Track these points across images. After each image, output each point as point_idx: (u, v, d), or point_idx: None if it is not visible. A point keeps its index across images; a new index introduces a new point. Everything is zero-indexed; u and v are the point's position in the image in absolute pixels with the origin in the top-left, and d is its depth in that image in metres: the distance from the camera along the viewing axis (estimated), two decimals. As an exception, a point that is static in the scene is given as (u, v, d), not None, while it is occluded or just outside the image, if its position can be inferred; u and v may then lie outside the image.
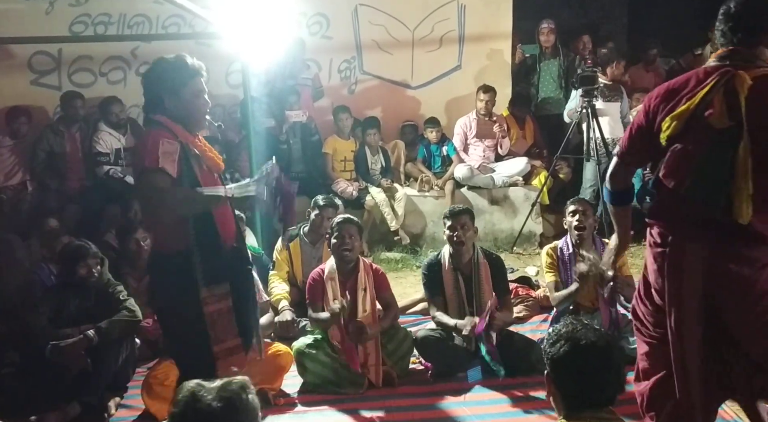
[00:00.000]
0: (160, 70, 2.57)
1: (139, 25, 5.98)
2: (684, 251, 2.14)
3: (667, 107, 2.14)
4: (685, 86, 2.15)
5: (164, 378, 3.27)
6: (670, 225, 2.20)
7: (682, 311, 2.15)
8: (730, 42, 2.16)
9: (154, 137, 2.47)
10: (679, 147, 2.12)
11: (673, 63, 7.48)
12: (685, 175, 2.10)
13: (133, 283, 4.16)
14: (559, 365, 1.67)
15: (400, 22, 6.53)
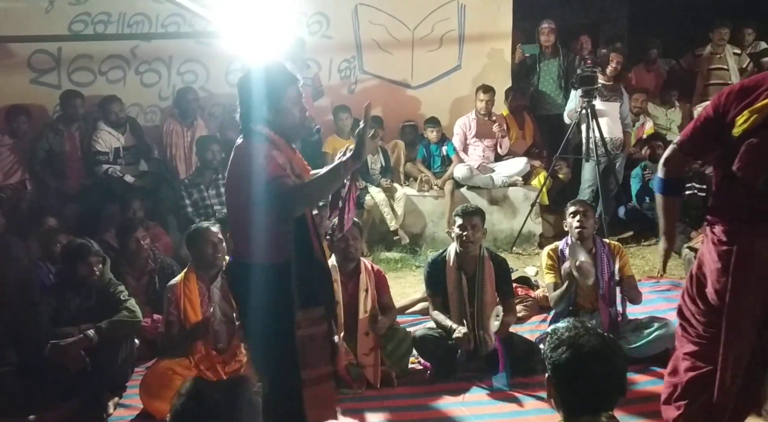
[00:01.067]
0: (259, 79, 2.45)
1: (139, 23, 5.97)
2: (753, 248, 2.12)
3: (742, 103, 2.14)
4: (762, 84, 2.15)
5: (163, 377, 3.27)
6: (738, 222, 2.18)
7: (744, 310, 2.14)
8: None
9: (267, 150, 2.38)
10: (755, 141, 2.10)
11: (673, 63, 7.49)
12: (763, 168, 2.09)
13: (132, 282, 4.16)
14: (560, 370, 1.66)
15: (400, 22, 6.53)
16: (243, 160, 2.43)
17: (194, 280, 3.46)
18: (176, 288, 3.45)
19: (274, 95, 2.43)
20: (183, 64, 6.13)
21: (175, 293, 3.43)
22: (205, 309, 3.41)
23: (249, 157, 2.40)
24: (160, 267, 4.29)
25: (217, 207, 5.03)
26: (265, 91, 2.43)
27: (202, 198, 5.12)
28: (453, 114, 6.53)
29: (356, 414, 3.28)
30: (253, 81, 2.46)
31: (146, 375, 3.37)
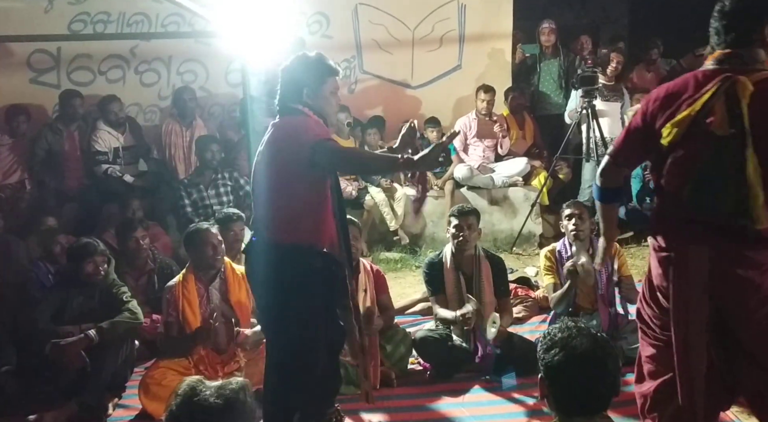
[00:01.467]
0: (302, 64, 2.60)
1: (139, 23, 5.97)
2: (688, 255, 2.12)
3: (666, 112, 2.13)
4: (684, 91, 2.12)
5: (161, 378, 3.26)
6: (674, 230, 2.19)
7: (688, 315, 2.13)
8: (723, 41, 2.13)
9: (308, 119, 2.51)
10: (680, 153, 2.10)
11: (674, 63, 7.47)
12: (686, 181, 2.09)
13: (131, 282, 4.15)
14: (553, 372, 1.66)
15: (400, 22, 6.52)
16: (286, 132, 2.50)
17: (193, 281, 3.45)
18: (175, 289, 3.44)
19: (316, 81, 2.56)
20: (182, 64, 6.12)
21: (174, 294, 3.42)
22: (204, 310, 3.40)
23: (295, 126, 2.49)
24: (160, 267, 4.28)
25: (217, 207, 5.02)
26: (307, 76, 2.56)
27: (202, 198, 5.11)
28: (453, 114, 6.53)
29: (355, 414, 3.27)
30: (297, 65, 2.59)
31: (145, 376, 3.37)
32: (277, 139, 2.51)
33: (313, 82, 2.56)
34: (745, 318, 2.11)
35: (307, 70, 2.58)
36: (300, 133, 2.46)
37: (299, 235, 2.47)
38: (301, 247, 2.47)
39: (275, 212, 2.53)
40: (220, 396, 1.56)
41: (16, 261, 4.43)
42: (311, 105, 2.56)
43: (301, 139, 2.44)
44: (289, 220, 2.48)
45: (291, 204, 2.47)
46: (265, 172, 2.54)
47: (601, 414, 1.66)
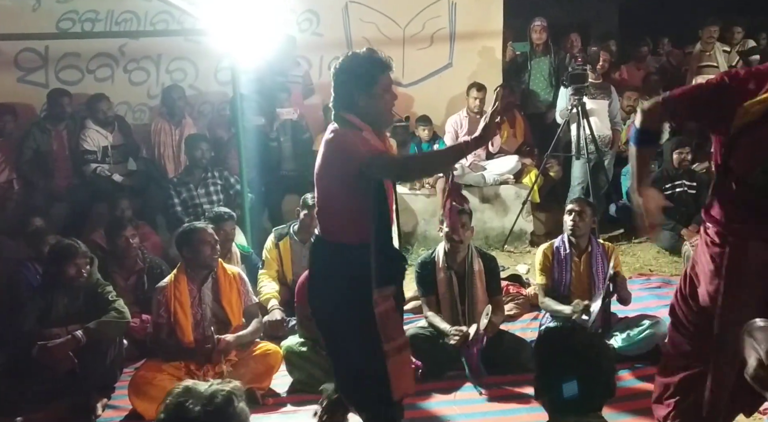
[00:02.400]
0: (351, 67, 2.49)
1: (127, 21, 5.93)
2: (746, 250, 2.09)
3: (751, 90, 2.07)
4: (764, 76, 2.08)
5: (151, 377, 3.24)
6: (731, 223, 2.15)
7: (735, 313, 2.09)
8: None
9: (355, 135, 2.45)
10: (755, 135, 2.05)
11: (663, 61, 7.52)
12: (758, 162, 2.05)
13: (121, 282, 4.13)
14: (548, 372, 1.66)
15: (390, 20, 6.50)
16: (338, 144, 2.48)
17: (185, 282, 3.42)
18: (166, 290, 3.41)
19: (366, 83, 2.46)
20: (172, 62, 6.08)
21: (165, 295, 3.39)
22: (196, 312, 3.38)
23: (344, 142, 2.45)
24: (149, 266, 4.25)
25: (207, 206, 4.99)
26: (357, 80, 2.47)
27: (191, 197, 5.08)
28: (445, 112, 6.52)
29: (347, 413, 3.26)
30: (346, 68, 2.49)
31: (135, 376, 3.34)
32: (327, 151, 2.52)
33: (363, 85, 2.46)
34: None
35: (357, 72, 2.47)
36: (346, 151, 2.44)
37: (347, 235, 2.54)
38: (349, 245, 2.53)
39: (326, 213, 2.61)
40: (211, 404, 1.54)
41: (5, 261, 4.39)
42: (363, 108, 2.48)
43: (348, 156, 2.43)
44: (338, 222, 2.56)
45: (338, 208, 2.55)
46: (318, 176, 2.59)
47: (594, 413, 1.66)
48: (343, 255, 2.52)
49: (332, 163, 2.50)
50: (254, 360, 3.42)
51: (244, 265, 4.34)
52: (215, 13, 4.37)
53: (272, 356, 3.47)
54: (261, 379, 3.42)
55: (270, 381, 3.49)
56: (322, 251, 2.62)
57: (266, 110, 5.76)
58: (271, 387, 3.50)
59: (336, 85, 2.51)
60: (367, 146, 2.42)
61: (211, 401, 1.55)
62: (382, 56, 2.51)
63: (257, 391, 3.37)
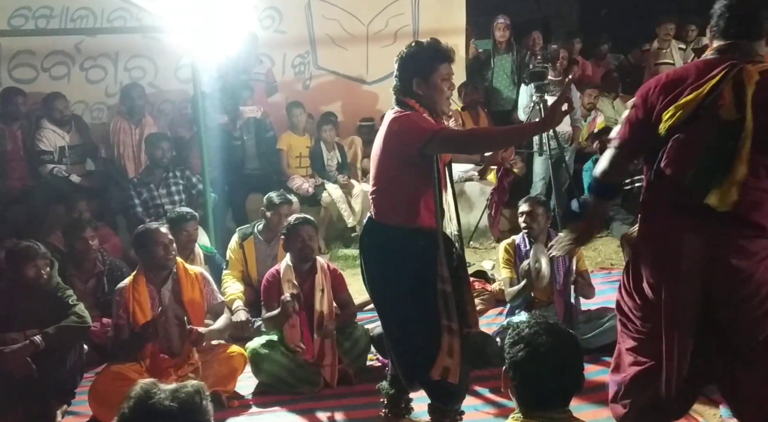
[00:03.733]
0: (412, 54, 2.62)
1: (83, 18, 5.79)
2: (682, 244, 2.11)
3: (668, 98, 2.12)
4: (686, 77, 2.13)
5: (112, 383, 3.16)
6: (667, 218, 2.18)
7: (678, 304, 2.13)
8: (727, 32, 2.15)
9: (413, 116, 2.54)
10: (682, 137, 2.09)
11: (622, 58, 7.68)
12: (690, 164, 2.08)
13: (80, 285, 4.04)
14: (517, 368, 1.67)
15: (354, 17, 6.49)
16: (400, 123, 2.55)
17: (144, 283, 3.36)
18: (125, 291, 3.34)
19: (426, 70, 2.58)
20: (130, 60, 5.96)
21: (124, 296, 3.33)
22: (156, 313, 3.32)
23: (406, 121, 2.53)
24: (109, 269, 4.17)
25: (168, 206, 4.91)
26: (417, 66, 2.59)
27: (152, 197, 4.99)
28: (409, 109, 6.52)
29: (313, 413, 3.25)
30: (408, 55, 2.62)
31: (96, 382, 3.27)
32: (388, 133, 2.60)
33: (422, 72, 2.59)
34: (736, 308, 2.11)
35: (417, 59, 2.61)
36: (406, 131, 2.52)
37: (400, 218, 2.62)
38: (402, 229, 2.60)
39: (382, 196, 2.67)
40: (175, 399, 1.51)
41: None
42: (421, 95, 2.61)
43: (409, 136, 2.51)
44: (392, 204, 2.64)
45: (394, 190, 2.62)
46: (377, 158, 2.67)
47: (562, 409, 1.68)
48: (401, 237, 2.59)
49: (393, 143, 2.57)
50: (218, 363, 3.38)
51: (208, 266, 4.28)
52: (174, 9, 4.29)
53: (236, 358, 3.44)
54: (225, 382, 3.38)
55: (235, 384, 3.46)
56: (379, 234, 2.68)
57: (229, 108, 5.69)
58: (235, 390, 3.47)
59: (398, 72, 2.64)
60: (429, 124, 2.53)
61: (176, 394, 1.53)
62: (444, 46, 2.65)
63: (222, 394, 3.34)
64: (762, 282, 2.06)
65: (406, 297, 2.63)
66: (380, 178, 2.67)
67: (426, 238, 2.58)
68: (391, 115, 2.62)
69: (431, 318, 2.58)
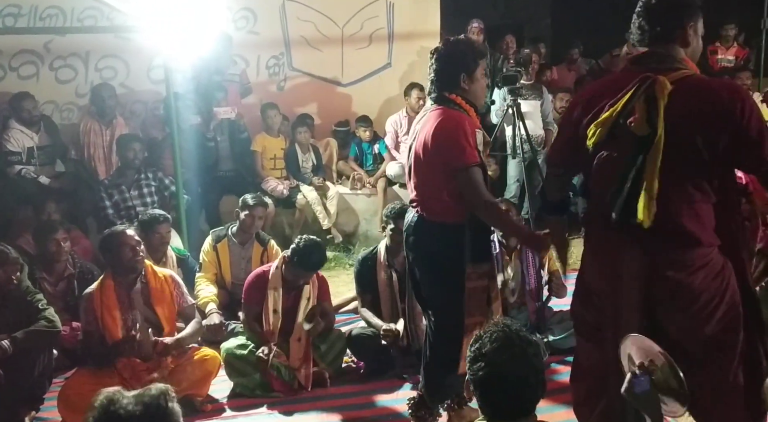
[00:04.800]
0: (457, 50, 2.71)
1: (53, 17, 5.66)
2: (621, 257, 2.14)
3: (590, 114, 2.14)
4: (606, 92, 2.14)
5: (82, 388, 3.10)
6: (605, 231, 2.19)
7: (620, 315, 2.16)
8: (646, 37, 2.15)
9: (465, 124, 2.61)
10: (605, 154, 2.13)
11: (593, 63, 7.80)
12: (611, 181, 2.11)
13: (49, 288, 3.97)
14: (478, 385, 1.67)
15: (328, 19, 6.48)
16: (444, 128, 2.62)
17: (112, 287, 3.30)
18: (93, 296, 3.28)
19: (471, 65, 2.69)
20: (101, 60, 5.85)
21: (92, 302, 3.27)
22: (126, 317, 3.27)
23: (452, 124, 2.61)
24: (80, 272, 4.10)
25: (140, 208, 4.84)
26: (464, 61, 2.69)
27: (124, 199, 4.92)
28: (384, 112, 6.54)
29: (287, 417, 3.24)
30: (452, 51, 2.70)
31: (65, 387, 3.22)
32: (435, 133, 2.63)
33: (469, 67, 2.69)
34: (675, 317, 2.14)
35: (464, 55, 2.69)
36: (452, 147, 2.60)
37: (455, 216, 2.67)
38: (456, 225, 2.67)
39: (432, 196, 2.71)
40: (139, 403, 1.50)
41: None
42: (466, 90, 2.69)
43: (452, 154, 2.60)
44: (444, 204, 2.68)
45: (445, 191, 2.66)
46: (421, 158, 2.71)
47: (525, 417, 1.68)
48: (447, 234, 2.67)
49: (441, 147, 2.62)
50: (192, 366, 3.34)
51: (181, 269, 4.24)
52: (147, 9, 4.24)
53: (210, 361, 3.40)
54: (199, 386, 3.35)
55: (208, 388, 3.43)
56: (427, 231, 2.73)
57: (202, 109, 5.64)
58: (209, 394, 3.44)
59: (439, 69, 2.70)
60: (472, 150, 2.60)
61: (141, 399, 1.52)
62: (479, 44, 2.83)
63: (195, 398, 3.31)
64: (701, 290, 2.09)
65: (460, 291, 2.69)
66: (427, 181, 2.72)
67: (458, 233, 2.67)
68: (437, 117, 2.65)
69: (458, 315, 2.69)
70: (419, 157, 2.71)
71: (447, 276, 2.70)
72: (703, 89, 2.07)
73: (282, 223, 5.84)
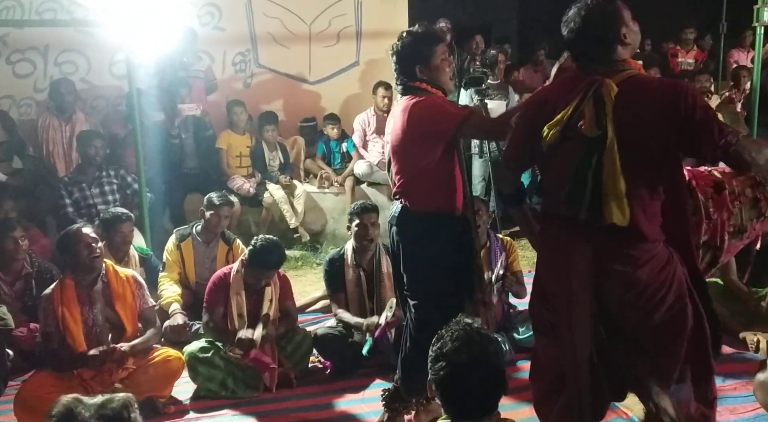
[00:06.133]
0: (408, 42, 2.69)
1: (9, 9, 5.49)
2: (572, 254, 2.21)
3: (543, 116, 2.21)
4: (558, 95, 2.21)
5: (40, 390, 3.02)
6: (558, 230, 2.27)
7: (573, 311, 2.22)
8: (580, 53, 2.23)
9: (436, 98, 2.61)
10: (558, 156, 2.20)
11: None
12: (563, 182, 2.18)
13: (5, 288, 3.86)
14: (439, 385, 1.68)
15: (296, 16, 6.43)
16: (427, 108, 2.60)
17: (72, 287, 3.20)
18: (52, 297, 3.18)
19: (425, 55, 2.66)
20: (61, 54, 5.71)
21: (51, 303, 3.17)
22: (87, 317, 3.19)
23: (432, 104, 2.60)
24: (38, 271, 3.99)
25: (102, 206, 4.73)
26: (416, 52, 2.67)
27: (84, 197, 4.80)
28: (352, 110, 6.52)
29: (252, 418, 3.20)
30: (404, 44, 2.69)
31: (22, 389, 3.12)
32: (413, 119, 2.61)
33: (423, 56, 2.66)
34: (625, 309, 2.21)
35: (414, 48, 2.68)
36: (437, 114, 2.59)
37: (438, 204, 2.67)
38: (440, 215, 2.67)
39: (415, 184, 2.68)
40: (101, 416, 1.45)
41: None
42: (427, 79, 2.66)
43: (440, 119, 2.58)
44: (427, 191, 2.66)
45: (428, 176, 2.64)
46: (400, 145, 2.68)
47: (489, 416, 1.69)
48: (440, 223, 2.65)
49: (423, 128, 2.58)
50: (154, 367, 3.27)
51: (143, 268, 4.16)
52: (108, 3, 4.14)
53: (173, 362, 3.33)
54: (161, 387, 3.28)
55: (171, 389, 3.36)
56: (417, 223, 2.70)
57: (167, 106, 5.54)
58: (172, 395, 3.38)
59: (398, 64, 2.71)
60: (455, 108, 2.60)
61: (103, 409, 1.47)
62: (434, 29, 2.77)
63: (158, 399, 3.25)
64: (648, 283, 2.16)
65: (449, 281, 2.68)
66: (411, 167, 2.67)
67: (462, 221, 2.69)
68: (408, 102, 2.64)
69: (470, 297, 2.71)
70: (397, 145, 2.69)
71: (433, 267, 2.68)
72: (647, 88, 2.15)
73: (248, 222, 5.78)
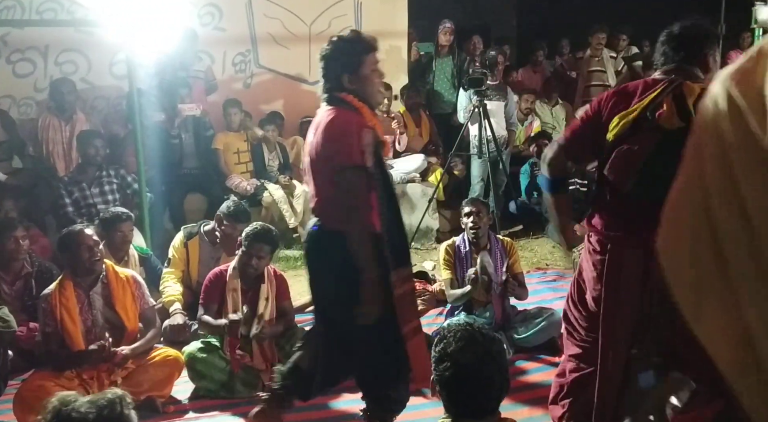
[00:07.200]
0: (336, 50, 2.55)
1: (10, 9, 5.49)
2: (623, 259, 2.21)
3: (616, 110, 2.23)
4: (635, 92, 2.25)
5: (40, 390, 3.01)
6: (610, 232, 2.27)
7: (617, 317, 2.23)
8: (671, 60, 2.29)
9: (356, 124, 2.44)
10: (625, 147, 2.20)
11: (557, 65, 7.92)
12: (631, 173, 2.18)
13: (6, 288, 3.85)
14: (444, 385, 1.69)
15: (296, 16, 6.44)
16: (333, 127, 2.47)
17: (71, 288, 3.22)
18: (51, 297, 3.19)
19: (353, 64, 2.52)
20: (61, 54, 5.71)
21: (51, 303, 3.18)
22: (86, 318, 3.20)
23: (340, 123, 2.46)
24: (38, 271, 3.99)
25: (101, 206, 4.74)
26: (343, 61, 2.53)
27: (84, 196, 4.81)
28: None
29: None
30: (331, 52, 2.55)
31: (22, 388, 3.12)
32: (325, 133, 2.49)
33: (350, 66, 2.53)
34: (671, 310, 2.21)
35: (342, 54, 2.54)
36: (339, 143, 2.45)
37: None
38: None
39: (328, 201, 2.54)
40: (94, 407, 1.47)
41: None
42: (353, 90, 2.53)
43: (339, 149, 2.44)
44: (337, 208, 2.50)
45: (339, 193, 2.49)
46: (313, 162, 2.56)
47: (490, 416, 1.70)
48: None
49: (328, 145, 2.47)
50: (153, 367, 3.28)
51: (143, 268, 4.16)
52: (109, 3, 4.15)
53: (173, 362, 3.35)
54: (161, 387, 3.29)
55: (171, 389, 3.37)
56: (327, 242, 2.56)
57: (167, 106, 5.54)
58: (172, 395, 3.38)
59: (325, 71, 2.58)
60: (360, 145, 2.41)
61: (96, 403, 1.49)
62: (366, 36, 2.61)
63: (157, 399, 3.25)
64: None
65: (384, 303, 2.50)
66: (322, 185, 2.54)
67: (377, 242, 2.46)
68: (326, 117, 2.50)
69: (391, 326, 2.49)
70: (312, 160, 2.57)
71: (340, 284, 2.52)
72: None
73: (248, 222, 5.78)
